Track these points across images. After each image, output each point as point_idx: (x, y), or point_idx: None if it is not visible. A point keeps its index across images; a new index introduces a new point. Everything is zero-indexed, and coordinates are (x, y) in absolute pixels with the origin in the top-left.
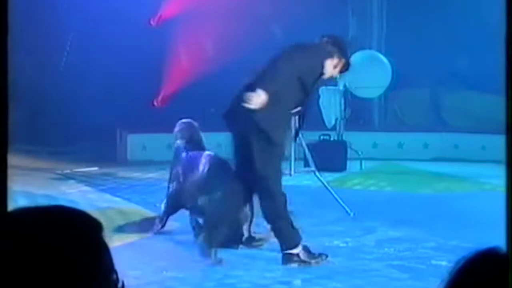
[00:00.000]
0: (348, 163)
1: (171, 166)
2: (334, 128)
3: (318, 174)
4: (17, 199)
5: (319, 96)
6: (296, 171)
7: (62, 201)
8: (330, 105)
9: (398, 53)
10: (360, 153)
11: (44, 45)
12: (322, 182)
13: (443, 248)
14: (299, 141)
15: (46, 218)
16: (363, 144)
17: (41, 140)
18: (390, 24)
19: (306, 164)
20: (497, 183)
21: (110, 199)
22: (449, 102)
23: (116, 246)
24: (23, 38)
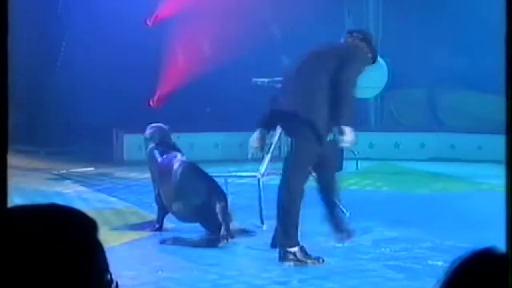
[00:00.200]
0: (344, 163)
1: (149, 169)
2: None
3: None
4: (14, 199)
5: None
6: None
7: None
8: None
9: (394, 53)
10: (356, 153)
11: (40, 46)
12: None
13: (440, 248)
14: None
15: (42, 217)
16: (359, 144)
17: (38, 140)
18: (386, 24)
19: None
20: (494, 183)
21: (106, 199)
22: (446, 102)
23: (112, 246)
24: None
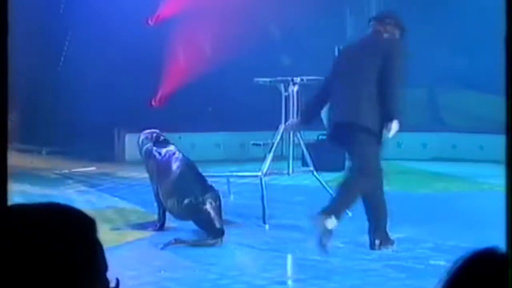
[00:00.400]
0: (347, 163)
1: (146, 167)
2: None
3: (316, 174)
4: (14, 199)
5: None
6: (294, 171)
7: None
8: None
9: None
10: None
11: (42, 45)
12: (320, 182)
13: (441, 248)
14: (297, 141)
15: (41, 216)
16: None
17: (39, 140)
18: None
19: (304, 164)
20: (495, 183)
21: (108, 199)
22: (448, 102)
23: (113, 246)
24: (22, 38)
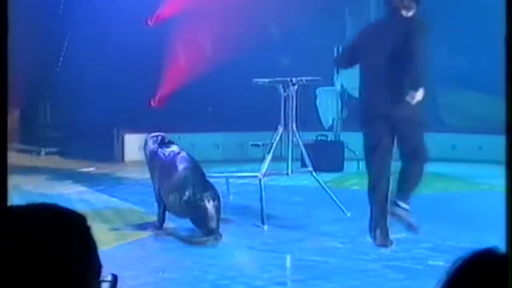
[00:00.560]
0: (345, 164)
1: (149, 166)
2: (331, 129)
3: (315, 174)
4: (14, 199)
5: (316, 96)
6: (293, 171)
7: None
8: (327, 105)
9: None
10: (357, 154)
11: (41, 45)
12: (319, 182)
13: (440, 249)
14: (296, 141)
15: (38, 217)
16: (360, 145)
17: (39, 140)
18: None
19: (303, 165)
20: (495, 183)
21: (107, 199)
22: (446, 102)
23: (112, 247)
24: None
